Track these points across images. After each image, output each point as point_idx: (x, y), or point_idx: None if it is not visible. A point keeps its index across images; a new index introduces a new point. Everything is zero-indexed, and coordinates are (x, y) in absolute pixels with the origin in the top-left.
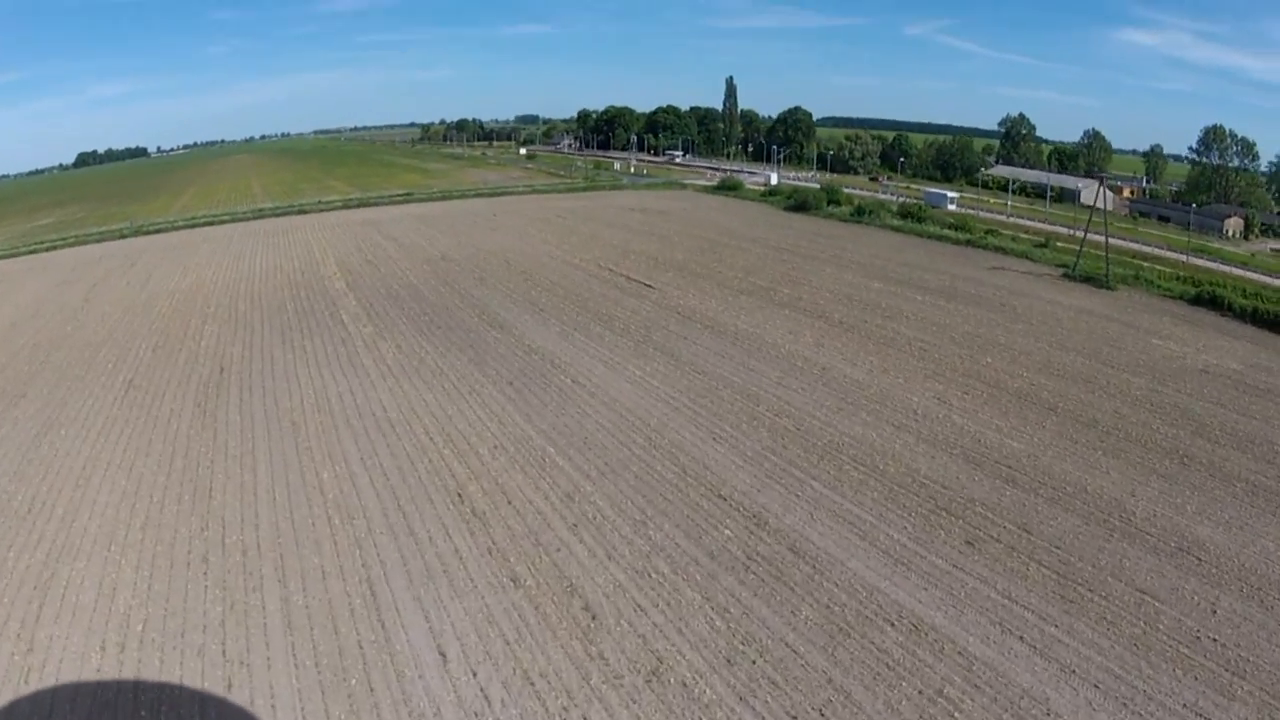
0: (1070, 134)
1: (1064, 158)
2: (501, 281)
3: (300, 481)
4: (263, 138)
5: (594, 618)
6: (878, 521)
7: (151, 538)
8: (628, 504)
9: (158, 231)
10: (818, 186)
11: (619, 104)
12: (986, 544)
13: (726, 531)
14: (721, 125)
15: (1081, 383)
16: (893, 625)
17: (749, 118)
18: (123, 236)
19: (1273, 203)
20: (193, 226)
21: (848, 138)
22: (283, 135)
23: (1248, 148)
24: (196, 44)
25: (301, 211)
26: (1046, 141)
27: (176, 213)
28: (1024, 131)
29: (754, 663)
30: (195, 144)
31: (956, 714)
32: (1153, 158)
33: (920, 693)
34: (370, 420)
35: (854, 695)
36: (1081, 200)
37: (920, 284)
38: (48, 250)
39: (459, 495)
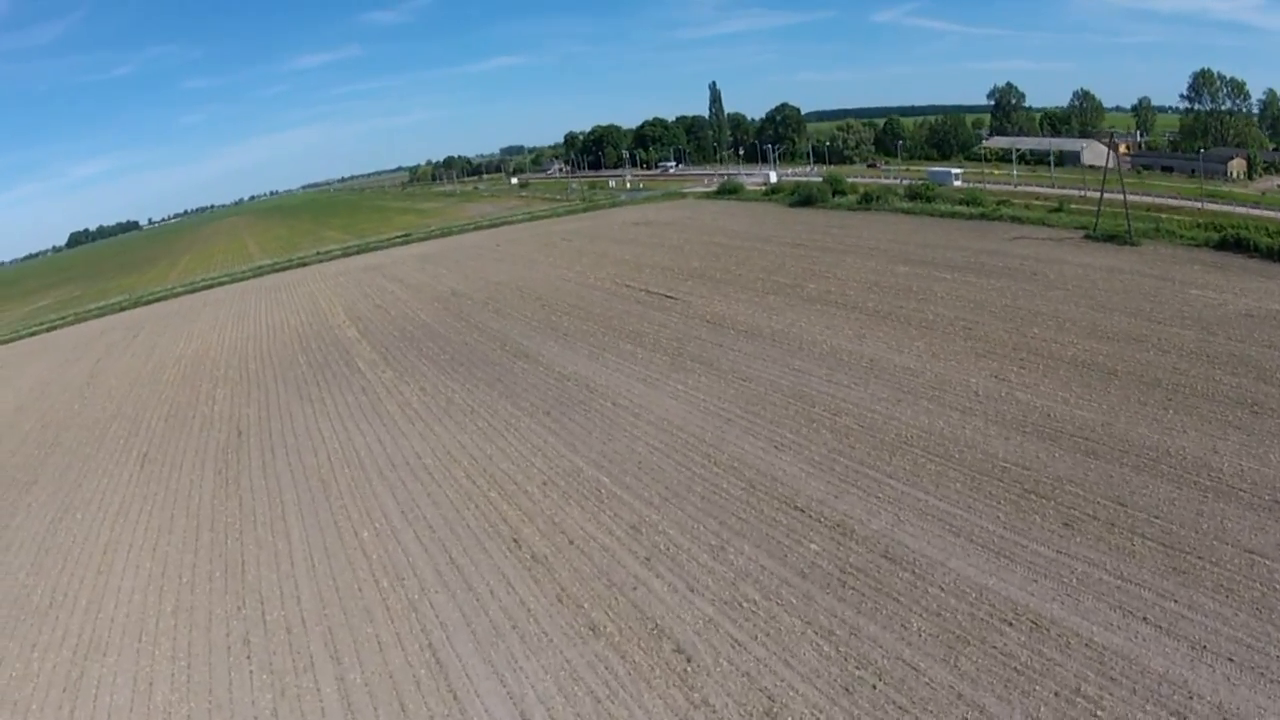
0: (1054, 99)
1: (1056, 122)
2: (518, 310)
3: (339, 544)
4: (252, 198)
5: (689, 660)
6: (968, 514)
7: (185, 622)
8: (700, 529)
9: (157, 300)
10: (820, 180)
11: (605, 123)
12: (1085, 523)
13: (813, 546)
14: (711, 131)
15: (1133, 343)
16: (1011, 625)
17: (736, 121)
18: (122, 309)
19: (1268, 140)
20: (192, 291)
21: (839, 128)
22: (271, 193)
23: (1238, 88)
24: (171, 115)
25: (301, 264)
26: (1034, 109)
27: (174, 280)
28: (1014, 101)
29: (874, 688)
30: (185, 212)
31: (1099, 713)
32: (1142, 111)
33: (1057, 695)
34: (405, 470)
35: (989, 708)
36: (1083, 161)
37: (945, 263)
38: (47, 331)
39: (515, 540)
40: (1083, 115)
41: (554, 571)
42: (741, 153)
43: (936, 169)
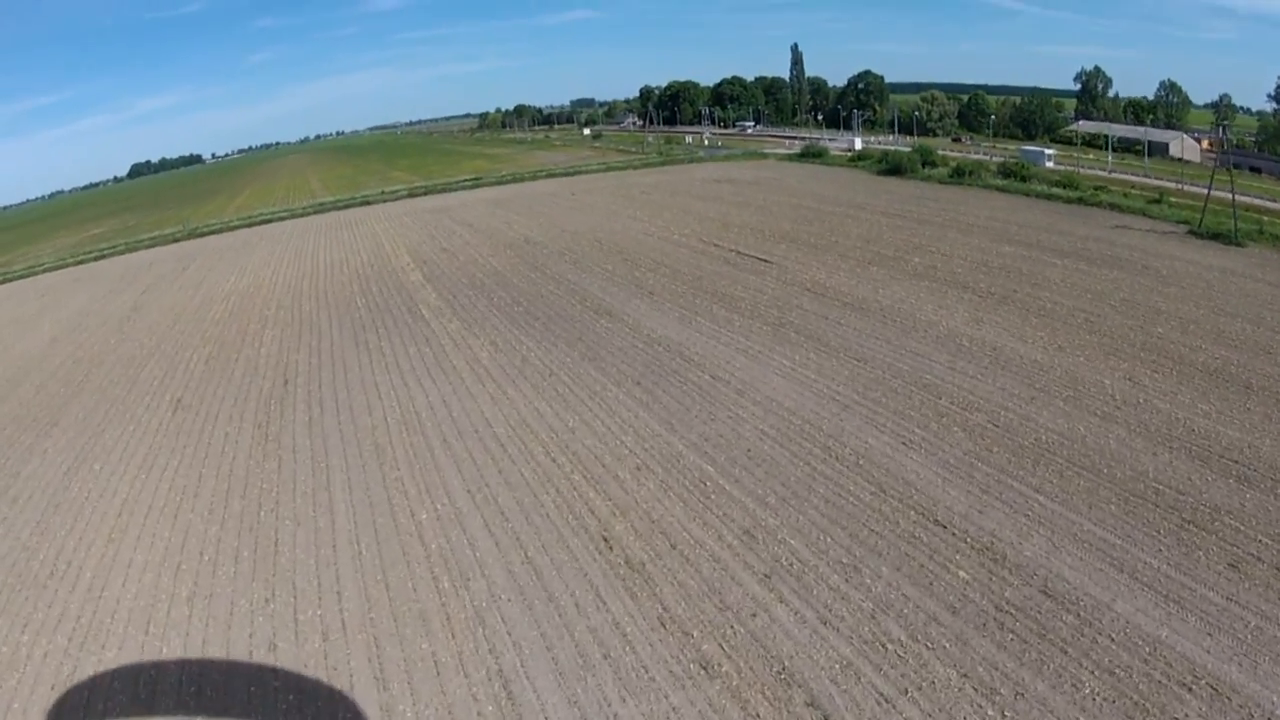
0: (1128, 89)
1: (1140, 111)
2: (597, 263)
3: (392, 527)
4: (318, 137)
5: (826, 718)
6: (1127, 544)
7: (200, 615)
8: (826, 541)
9: (212, 233)
10: (907, 150)
11: (679, 80)
12: (1250, 565)
13: (961, 573)
14: (790, 94)
15: (1262, 354)
16: (1190, 690)
17: (816, 85)
18: (175, 240)
19: None
20: (249, 225)
21: (924, 99)
22: (338, 134)
23: None
24: (239, 54)
25: (365, 203)
26: (1120, 98)
27: (232, 214)
28: (1100, 86)
29: None
30: (250, 148)
31: None
32: (1222, 109)
33: None
34: (473, 439)
35: None
36: (1170, 153)
37: (1052, 247)
38: (96, 259)
39: (605, 539)
40: (1169, 108)
41: (654, 584)
42: (820, 118)
43: (1030, 148)
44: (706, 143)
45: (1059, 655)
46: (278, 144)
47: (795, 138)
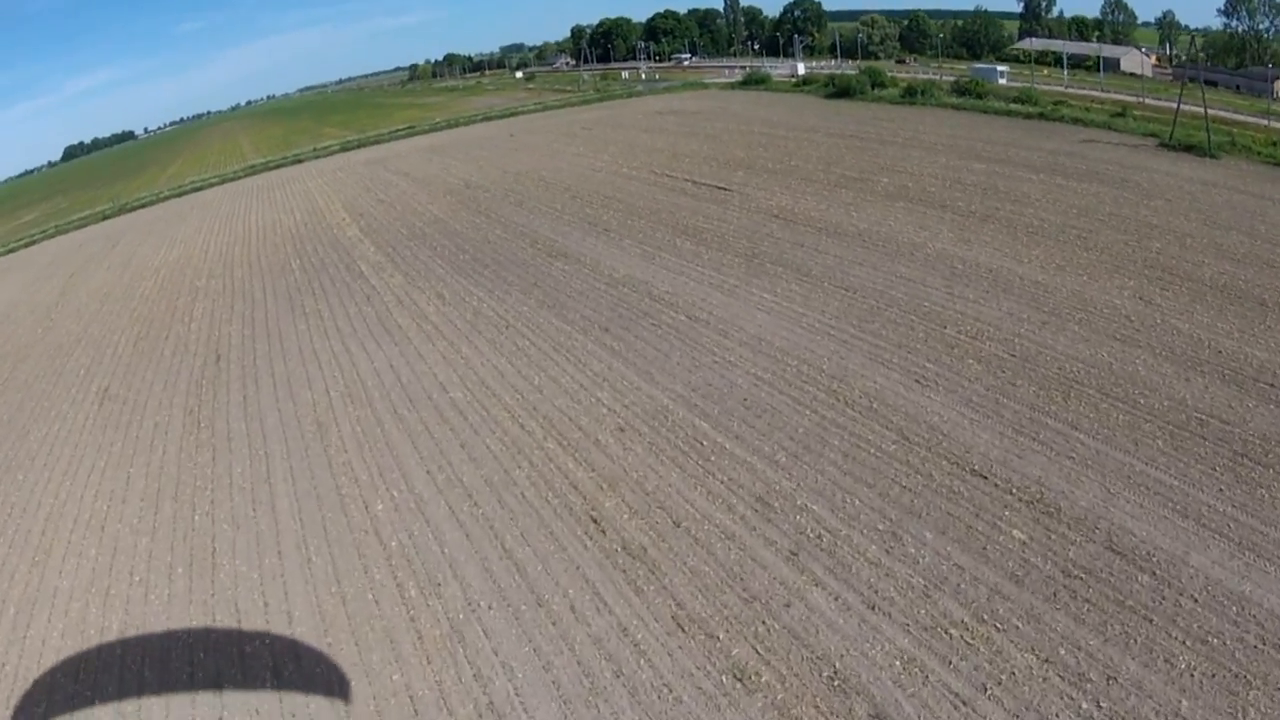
0: (1072, 8)
1: (1084, 28)
2: (544, 202)
3: (343, 524)
4: (249, 103)
5: None
6: (1186, 485)
7: (135, 653)
8: (854, 504)
9: (142, 206)
10: (855, 72)
11: (612, 16)
12: None
13: (1015, 533)
14: (726, 25)
15: (1266, 267)
16: None
17: (751, 14)
18: (105, 218)
19: None
20: (179, 195)
21: (863, 23)
22: (268, 98)
23: (1276, 8)
24: (168, 23)
25: (297, 161)
26: (1063, 17)
27: (164, 185)
28: (1044, 4)
29: None
30: (182, 119)
31: None
32: (1165, 26)
33: None
34: (427, 408)
35: None
36: (1121, 68)
37: (1024, 162)
38: (25, 246)
39: (594, 520)
40: (1114, 25)
41: (661, 574)
42: (757, 47)
43: (981, 65)
44: (644, 77)
45: (1144, 625)
46: (209, 113)
47: (734, 67)
